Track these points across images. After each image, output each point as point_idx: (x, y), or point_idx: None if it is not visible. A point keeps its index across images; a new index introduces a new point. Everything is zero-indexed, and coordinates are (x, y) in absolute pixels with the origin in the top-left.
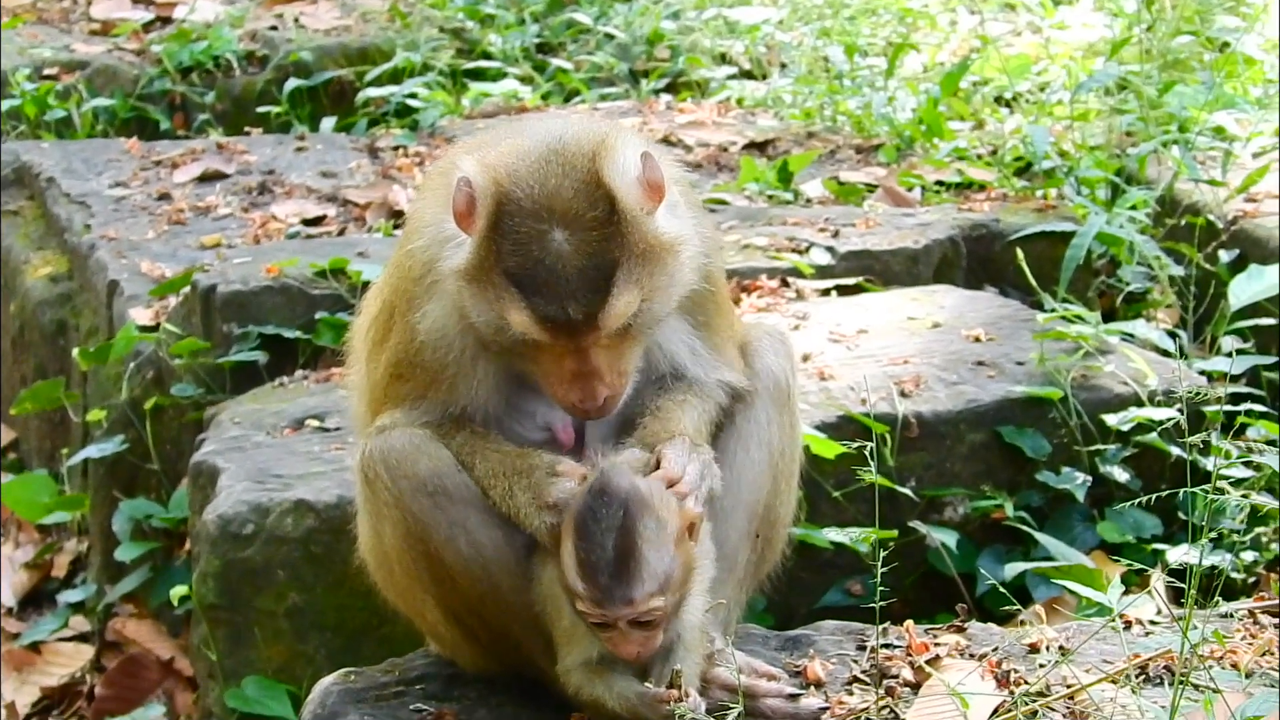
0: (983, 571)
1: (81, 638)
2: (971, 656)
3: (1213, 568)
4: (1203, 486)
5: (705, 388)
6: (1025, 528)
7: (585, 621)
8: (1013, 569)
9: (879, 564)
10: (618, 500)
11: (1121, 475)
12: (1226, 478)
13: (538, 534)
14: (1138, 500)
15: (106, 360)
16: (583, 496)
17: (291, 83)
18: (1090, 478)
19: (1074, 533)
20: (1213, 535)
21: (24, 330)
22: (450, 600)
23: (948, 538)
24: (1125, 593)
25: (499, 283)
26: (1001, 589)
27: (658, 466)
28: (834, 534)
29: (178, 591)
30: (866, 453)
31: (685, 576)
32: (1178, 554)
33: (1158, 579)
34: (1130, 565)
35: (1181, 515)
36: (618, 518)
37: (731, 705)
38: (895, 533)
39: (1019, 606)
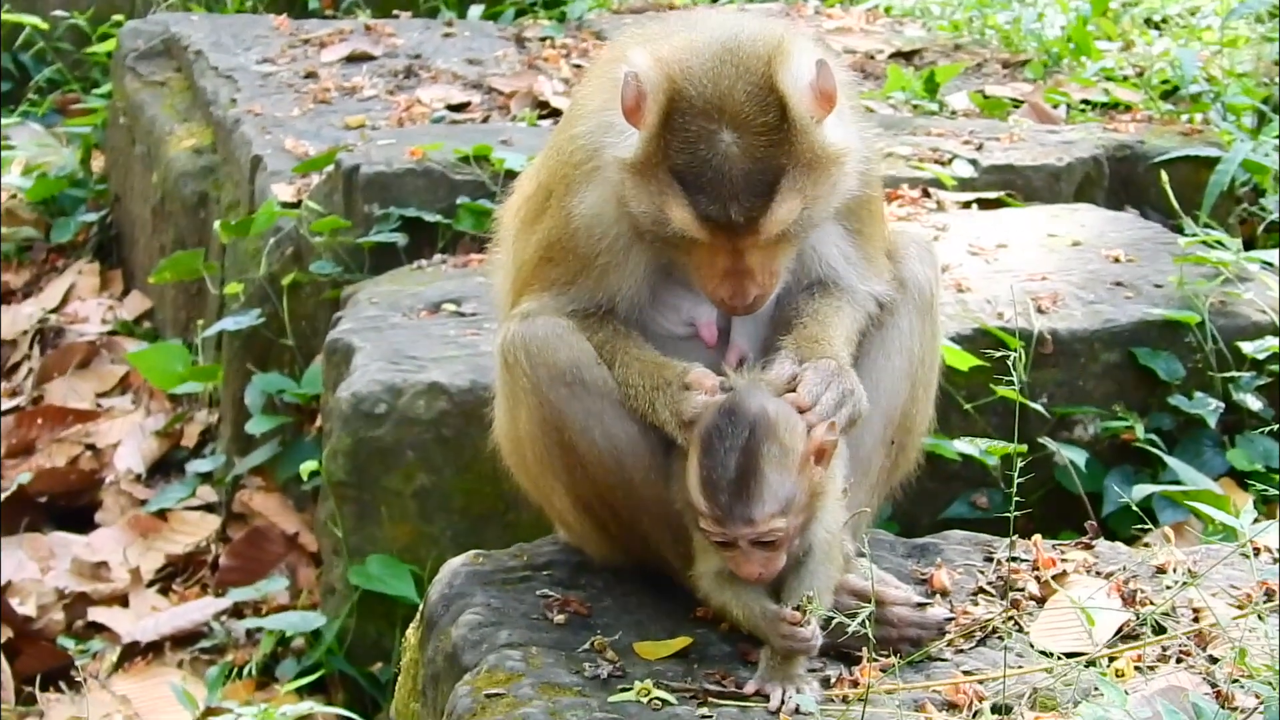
0: (1114, 490)
1: (208, 508)
2: (1098, 574)
3: None
4: None
5: (857, 297)
6: (1155, 450)
7: (708, 539)
8: (1141, 490)
9: (1016, 476)
10: (745, 421)
11: (1254, 403)
12: None
13: (681, 444)
14: (1269, 428)
15: (247, 234)
16: (712, 415)
17: None
18: (1223, 404)
19: (1203, 458)
20: None
21: (165, 201)
22: (581, 489)
23: (1076, 456)
24: (1255, 520)
25: (664, 178)
26: (1136, 508)
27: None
28: (964, 445)
29: (308, 466)
30: (1010, 364)
31: (810, 501)
32: None
33: None
34: (1263, 490)
35: None
36: (742, 438)
37: (860, 611)
38: (1025, 448)
39: (1150, 526)
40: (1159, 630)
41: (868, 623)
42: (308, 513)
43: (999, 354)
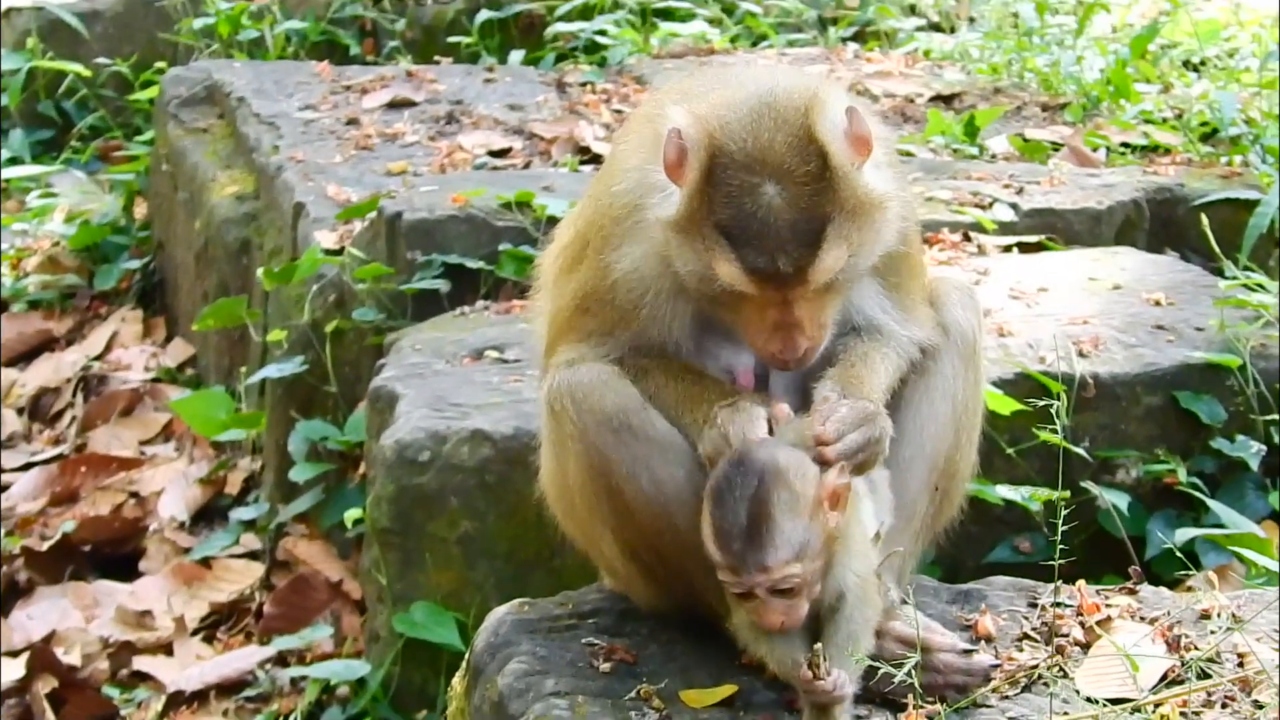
0: (1158, 535)
1: (252, 555)
2: (1142, 619)
3: None
4: None
5: (900, 343)
6: (1197, 493)
7: (729, 593)
8: (1184, 534)
9: (1060, 523)
10: (754, 470)
11: None
12: None
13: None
14: None
15: (290, 280)
16: (721, 466)
17: (482, 14)
18: (1265, 447)
19: (1246, 501)
20: None
21: (208, 247)
22: (628, 535)
23: (1119, 500)
24: None
25: (709, 234)
26: (1179, 553)
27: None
28: (1006, 491)
29: (352, 514)
30: (1053, 412)
31: (826, 545)
32: None
33: None
34: None
35: None
36: (751, 486)
37: (905, 658)
38: (1068, 494)
39: (1193, 570)
40: (1204, 676)
41: (914, 671)
42: (351, 560)
43: (1043, 403)
